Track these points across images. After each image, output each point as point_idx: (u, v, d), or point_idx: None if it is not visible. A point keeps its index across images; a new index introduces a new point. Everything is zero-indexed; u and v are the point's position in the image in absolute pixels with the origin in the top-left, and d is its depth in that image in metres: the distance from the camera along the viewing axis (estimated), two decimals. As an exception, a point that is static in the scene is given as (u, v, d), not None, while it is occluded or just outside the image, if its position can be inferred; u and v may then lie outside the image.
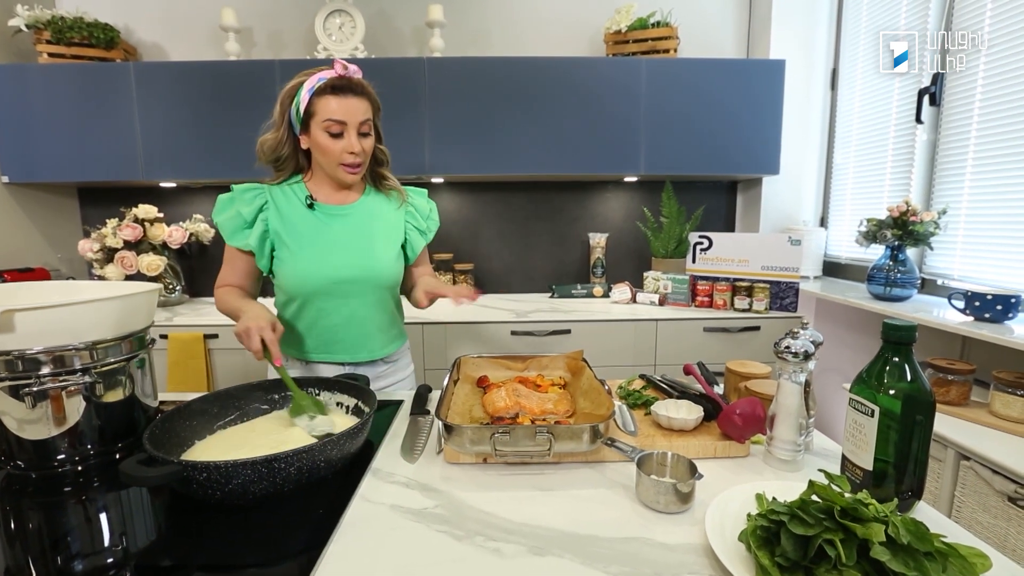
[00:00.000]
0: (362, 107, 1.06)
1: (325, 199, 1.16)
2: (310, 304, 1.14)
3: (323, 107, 1.03)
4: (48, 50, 2.16)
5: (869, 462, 0.67)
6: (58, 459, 0.80)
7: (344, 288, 1.13)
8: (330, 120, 1.04)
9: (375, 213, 1.18)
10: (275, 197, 1.13)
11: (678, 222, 2.39)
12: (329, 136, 1.05)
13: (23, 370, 0.75)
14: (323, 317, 1.15)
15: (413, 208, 1.23)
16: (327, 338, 1.16)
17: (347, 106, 1.04)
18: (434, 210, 1.27)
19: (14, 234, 2.24)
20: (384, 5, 2.44)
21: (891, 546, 0.49)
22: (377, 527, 0.66)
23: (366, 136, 1.09)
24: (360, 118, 1.06)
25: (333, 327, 1.15)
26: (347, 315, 1.15)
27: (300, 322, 1.16)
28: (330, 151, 1.07)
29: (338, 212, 1.15)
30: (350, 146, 1.06)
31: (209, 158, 2.18)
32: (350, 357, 1.18)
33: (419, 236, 1.23)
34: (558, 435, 0.76)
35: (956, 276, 1.78)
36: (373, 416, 0.83)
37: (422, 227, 1.23)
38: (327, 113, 1.03)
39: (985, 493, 1.16)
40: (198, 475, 0.65)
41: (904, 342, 0.66)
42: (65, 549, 0.65)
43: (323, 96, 1.03)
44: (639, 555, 0.60)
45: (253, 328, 0.93)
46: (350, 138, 1.06)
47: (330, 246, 1.12)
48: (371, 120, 1.09)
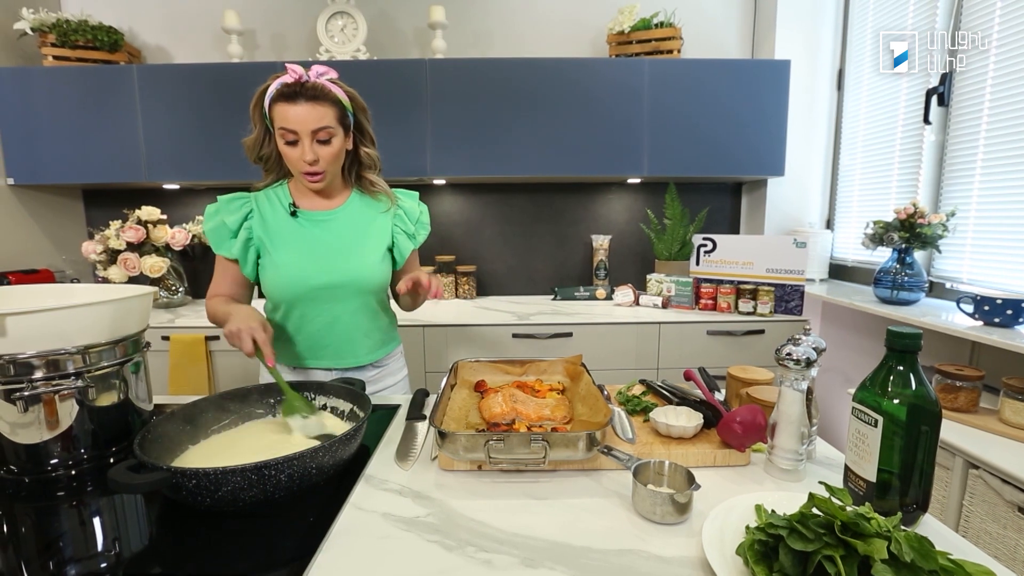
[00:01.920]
0: (316, 113, 1.02)
1: (309, 205, 1.16)
2: (294, 310, 1.14)
3: (278, 115, 1.02)
4: (53, 53, 2.17)
5: (872, 473, 0.65)
6: (51, 464, 0.80)
7: (325, 293, 1.12)
8: (283, 128, 1.03)
9: (359, 218, 1.18)
10: (260, 205, 1.14)
11: (681, 224, 2.37)
12: (286, 144, 1.05)
13: (15, 374, 0.75)
14: (307, 323, 1.14)
15: (403, 212, 1.21)
16: (313, 343, 1.16)
17: (298, 113, 1.01)
18: (425, 213, 1.25)
19: (19, 236, 2.25)
20: (386, 7, 2.44)
21: (894, 563, 0.47)
22: (367, 536, 0.65)
23: (325, 143, 1.05)
24: (313, 126, 1.02)
25: (317, 332, 1.15)
26: (330, 320, 1.14)
27: (287, 328, 1.16)
28: (289, 159, 1.06)
29: (320, 218, 1.15)
30: (304, 154, 1.03)
31: (211, 160, 2.18)
32: (336, 363, 1.18)
33: (407, 240, 1.21)
34: (553, 443, 0.74)
35: (965, 279, 1.75)
36: (367, 422, 0.82)
37: (410, 231, 1.21)
38: (280, 121, 1.02)
39: (994, 503, 1.13)
40: (187, 482, 0.64)
41: (909, 350, 0.64)
42: (57, 554, 0.65)
43: (278, 103, 1.02)
44: (633, 568, 0.58)
45: (244, 329, 0.93)
46: (304, 145, 1.03)
47: (310, 252, 1.12)
48: (330, 126, 1.04)
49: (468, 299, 2.46)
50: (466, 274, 2.47)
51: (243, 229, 1.11)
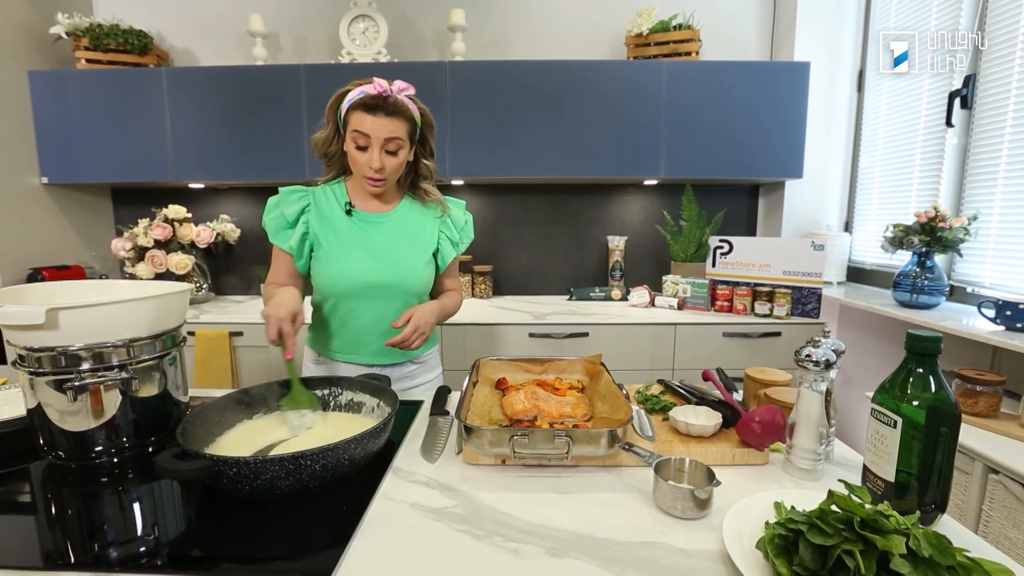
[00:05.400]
0: (391, 126, 1.08)
1: (363, 206, 1.21)
2: (341, 304, 1.19)
3: (354, 120, 1.08)
4: (86, 56, 2.24)
5: (891, 473, 0.67)
6: (96, 450, 0.84)
7: (373, 291, 1.17)
8: (357, 132, 1.08)
9: (410, 222, 1.22)
10: (317, 200, 1.19)
11: (698, 226, 2.37)
12: (356, 148, 1.10)
13: (65, 365, 0.79)
14: (352, 318, 1.19)
15: (450, 220, 1.26)
16: (356, 338, 1.21)
17: (375, 123, 1.07)
18: (469, 223, 1.30)
19: (52, 233, 2.33)
20: (406, 10, 2.48)
21: (912, 559, 0.48)
22: (399, 525, 0.67)
23: (392, 154, 1.12)
24: (385, 135, 1.08)
25: (362, 328, 1.19)
26: (375, 318, 1.19)
27: (331, 321, 1.21)
28: (356, 162, 1.12)
29: (374, 219, 1.20)
30: (371, 161, 1.09)
31: (236, 160, 2.24)
32: (376, 359, 1.22)
33: (451, 247, 1.26)
34: (576, 438, 0.76)
35: (987, 284, 1.73)
36: (395, 416, 0.85)
37: (455, 239, 1.26)
38: (356, 125, 1.08)
39: (1015, 508, 1.13)
40: (229, 470, 0.67)
41: (929, 353, 0.65)
42: (102, 536, 0.68)
43: (356, 110, 1.08)
44: (656, 560, 0.60)
45: (273, 317, 0.97)
46: (373, 153, 1.09)
47: (363, 251, 1.17)
48: (401, 139, 1.10)
49: (484, 298, 2.49)
50: (483, 274, 2.50)
51: (300, 222, 1.17)
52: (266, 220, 1.18)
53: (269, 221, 1.17)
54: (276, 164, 2.23)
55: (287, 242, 1.16)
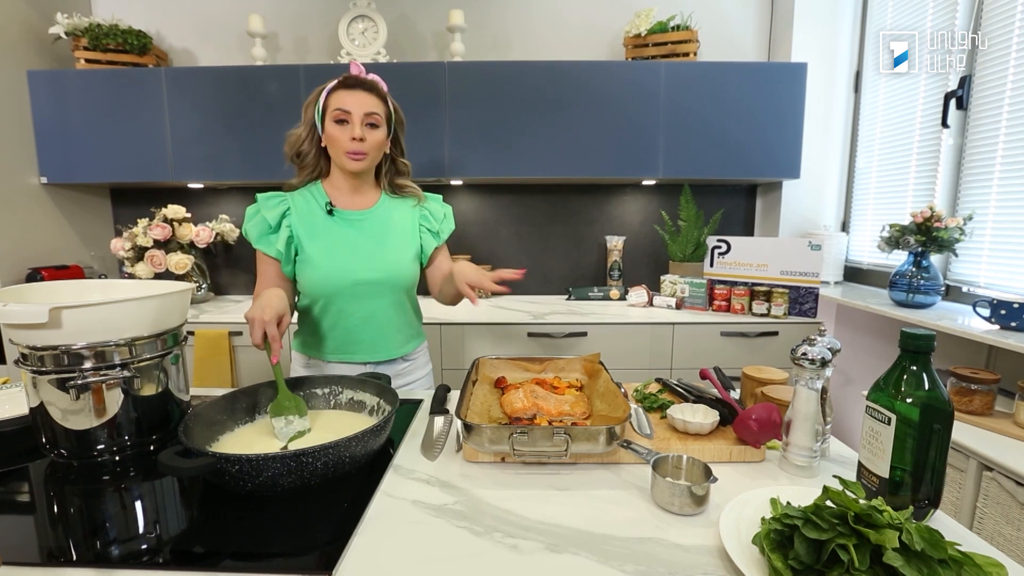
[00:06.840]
0: (370, 101, 1.12)
1: (344, 204, 1.21)
2: (331, 305, 1.18)
3: (335, 100, 1.12)
4: (85, 56, 2.24)
5: (885, 470, 0.67)
6: (98, 449, 0.84)
7: (363, 289, 1.17)
8: (337, 109, 1.11)
9: (391, 217, 1.23)
10: (296, 203, 1.19)
11: (696, 226, 2.39)
12: (335, 124, 1.12)
13: (68, 364, 0.80)
14: (343, 318, 1.19)
15: (428, 212, 1.27)
16: (348, 338, 1.20)
17: (353, 98, 1.11)
18: (449, 215, 1.31)
19: (51, 232, 2.33)
20: (406, 10, 2.49)
21: (904, 552, 0.49)
22: (400, 521, 0.68)
23: (373, 127, 1.14)
24: (365, 109, 1.11)
25: (353, 327, 1.20)
26: (366, 316, 1.19)
27: (322, 323, 1.20)
28: (337, 139, 1.13)
29: (356, 217, 1.20)
30: (353, 132, 1.11)
31: (235, 160, 2.24)
32: (370, 357, 1.22)
33: (431, 237, 1.26)
34: (575, 436, 0.77)
35: (982, 283, 1.75)
36: (394, 414, 0.86)
37: (435, 229, 1.27)
38: (336, 104, 1.12)
39: (1008, 505, 1.14)
40: (231, 467, 0.68)
41: (922, 351, 0.66)
42: (104, 533, 0.69)
43: (337, 91, 1.13)
44: (653, 555, 0.61)
45: (257, 320, 0.93)
46: (354, 125, 1.11)
47: (348, 249, 1.17)
48: (379, 115, 1.13)
49: (484, 298, 2.50)
50: (481, 273, 2.50)
51: (283, 226, 1.16)
52: (247, 227, 1.16)
53: (252, 228, 1.16)
54: (275, 164, 2.23)
55: (273, 247, 1.15)
